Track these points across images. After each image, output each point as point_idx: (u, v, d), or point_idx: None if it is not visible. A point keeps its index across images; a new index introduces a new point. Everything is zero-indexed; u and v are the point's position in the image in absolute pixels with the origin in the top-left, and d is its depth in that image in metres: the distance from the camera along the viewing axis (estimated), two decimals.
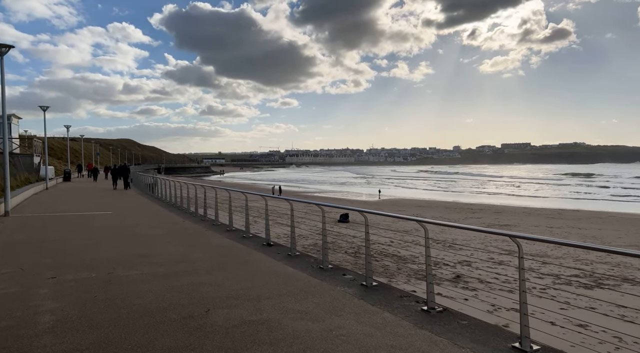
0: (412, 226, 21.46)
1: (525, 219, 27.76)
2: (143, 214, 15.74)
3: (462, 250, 15.21)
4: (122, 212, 16.22)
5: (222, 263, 7.66)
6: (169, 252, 8.70)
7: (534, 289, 10.01)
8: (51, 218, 14.50)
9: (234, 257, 8.29)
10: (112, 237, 10.64)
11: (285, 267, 7.38)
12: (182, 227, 12.45)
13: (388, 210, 31.59)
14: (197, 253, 8.56)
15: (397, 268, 12.52)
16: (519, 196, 54.50)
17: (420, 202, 45.09)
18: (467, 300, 9.05)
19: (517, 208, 36.50)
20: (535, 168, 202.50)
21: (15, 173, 23.90)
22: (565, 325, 6.63)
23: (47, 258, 8.20)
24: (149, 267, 7.43)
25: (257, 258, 8.17)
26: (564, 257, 14.47)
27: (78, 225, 12.67)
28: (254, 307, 5.29)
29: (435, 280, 11.45)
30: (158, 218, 14.36)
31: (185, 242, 9.89)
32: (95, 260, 7.93)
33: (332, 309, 5.20)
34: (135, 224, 12.93)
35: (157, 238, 10.38)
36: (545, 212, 33.90)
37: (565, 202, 44.31)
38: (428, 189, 68.65)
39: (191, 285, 6.27)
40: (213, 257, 8.23)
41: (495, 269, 12.53)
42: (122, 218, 14.22)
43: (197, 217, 14.56)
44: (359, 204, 40.43)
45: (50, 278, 6.66)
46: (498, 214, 31.18)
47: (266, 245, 9.40)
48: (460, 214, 30.73)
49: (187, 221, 13.52)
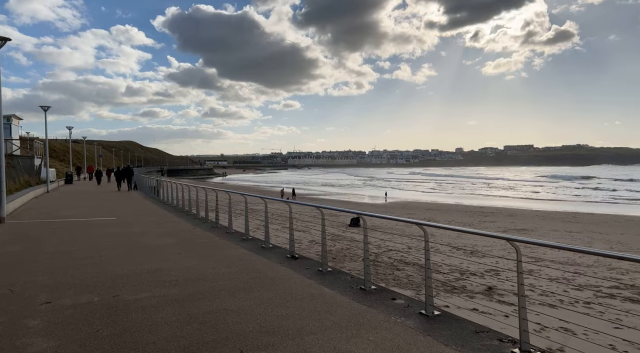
0: (429, 231, 20.44)
1: (541, 223, 26.65)
2: (149, 220, 14.67)
3: (485, 257, 14.14)
4: (127, 218, 15.14)
5: (246, 282, 6.58)
6: (182, 267, 7.62)
7: (577, 304, 8.95)
8: (50, 225, 13.43)
9: (257, 273, 7.20)
10: (118, 247, 9.56)
11: (320, 288, 6.29)
12: (193, 235, 11.37)
13: (398, 213, 30.52)
14: (214, 269, 7.48)
15: (422, 279, 11.45)
16: (525, 199, 53.61)
17: (429, 205, 43.98)
18: (508, 317, 8.13)
19: (529, 212, 35.40)
20: (533, 170, 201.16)
21: (15, 175, 22.86)
22: None
23: (42, 275, 7.13)
24: (160, 286, 6.35)
25: (284, 275, 7.09)
26: (596, 266, 13.38)
27: (79, 234, 11.60)
28: (297, 347, 4.20)
29: (466, 292, 10.39)
30: (166, 225, 13.29)
31: (198, 254, 8.80)
32: (99, 278, 6.85)
33: (396, 352, 4.11)
34: (142, 232, 11.85)
35: (167, 250, 9.30)
36: (558, 215, 32.77)
37: (575, 205, 43.24)
38: (431, 192, 67.99)
39: (214, 313, 5.19)
40: (233, 274, 7.14)
41: (526, 279, 11.49)
42: (128, 225, 13.15)
43: (208, 223, 13.49)
44: (367, 207, 39.28)
45: (44, 304, 5.58)
46: (511, 217, 30.09)
47: (291, 258, 8.32)
48: (473, 218, 29.65)
49: (198, 228, 12.45)
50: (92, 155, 79.64)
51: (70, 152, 49.75)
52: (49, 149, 37.24)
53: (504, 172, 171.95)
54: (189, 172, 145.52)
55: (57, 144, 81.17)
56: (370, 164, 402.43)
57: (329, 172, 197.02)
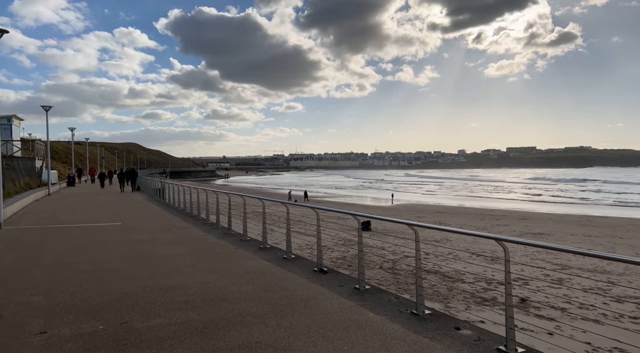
0: (441, 235, 19.51)
1: (556, 227, 25.69)
2: (156, 225, 13.73)
3: (515, 265, 13.19)
4: (132, 223, 14.21)
5: (275, 304, 5.62)
6: (198, 283, 6.67)
7: (623, 319, 8.01)
8: (51, 231, 12.50)
9: (286, 291, 6.24)
10: (124, 258, 8.61)
11: (363, 312, 5.34)
12: (205, 243, 10.42)
13: (407, 217, 29.57)
14: (235, 285, 6.53)
15: (448, 289, 10.49)
16: (532, 201, 52.73)
17: (436, 207, 43.02)
18: (552, 336, 7.11)
19: (540, 215, 34.47)
20: (536, 172, 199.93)
21: (15, 177, 21.94)
22: None
23: (38, 293, 6.19)
24: (176, 309, 5.41)
25: (317, 294, 6.13)
26: (628, 274, 12.39)
27: (82, 242, 10.66)
28: None
29: (497, 304, 9.43)
30: (175, 231, 12.35)
31: (215, 266, 7.85)
32: (103, 297, 5.91)
33: None
34: (149, 240, 10.91)
35: (179, 261, 8.35)
36: (571, 218, 31.82)
37: (586, 208, 42.28)
38: (436, 194, 67.24)
39: (245, 348, 4.23)
40: (258, 292, 6.19)
41: (559, 288, 10.46)
42: (134, 232, 12.20)
43: (220, 229, 12.55)
44: (374, 210, 38.35)
45: (38, 334, 4.63)
46: (524, 221, 29.17)
47: (319, 272, 7.36)
48: (485, 221, 28.72)
49: (210, 235, 11.50)
50: (95, 157, 78.89)
51: (73, 153, 48.88)
52: (51, 150, 36.40)
53: (506, 174, 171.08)
54: (191, 174, 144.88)
55: (60, 146, 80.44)
56: (372, 166, 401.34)
57: (329, 174, 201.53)
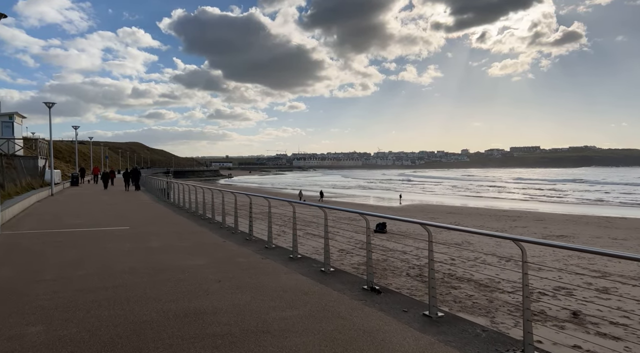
0: (463, 238, 18.39)
1: (577, 228, 24.53)
2: (168, 230, 12.55)
3: (542, 270, 11.99)
4: (142, 228, 13.03)
5: (335, 340, 4.42)
6: (230, 306, 5.49)
7: None
8: (53, 237, 11.30)
9: (342, 320, 5.04)
10: (138, 272, 7.41)
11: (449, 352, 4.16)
12: (226, 252, 9.21)
13: (420, 217, 28.39)
14: (276, 309, 5.35)
15: (488, 301, 9.31)
16: (541, 201, 51.68)
17: (448, 208, 41.86)
18: None
19: (556, 215, 33.31)
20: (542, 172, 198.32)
21: (16, 177, 20.80)
22: None
23: (37, 322, 5.01)
24: (211, 347, 4.22)
25: (380, 324, 4.93)
26: None
27: (88, 250, 9.45)
28: None
29: (550, 319, 8.25)
30: (189, 237, 11.17)
31: (245, 283, 6.66)
32: (116, 328, 4.75)
33: None
34: (163, 248, 9.71)
35: (201, 275, 7.16)
36: (590, 219, 30.62)
37: (600, 208, 41.13)
38: (443, 194, 66.18)
39: None
40: (306, 319, 5.01)
41: (608, 299, 9.32)
42: (144, 238, 11.01)
43: (239, 234, 11.37)
44: (385, 210, 37.21)
45: None
46: (541, 222, 28.01)
47: (371, 291, 6.17)
48: (501, 222, 27.56)
49: (229, 242, 10.31)
50: (99, 156, 77.93)
51: (77, 152, 47.77)
52: (54, 149, 35.26)
53: (510, 174, 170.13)
54: (195, 173, 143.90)
55: (63, 145, 79.52)
56: (375, 166, 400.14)
57: (328, 174, 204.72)
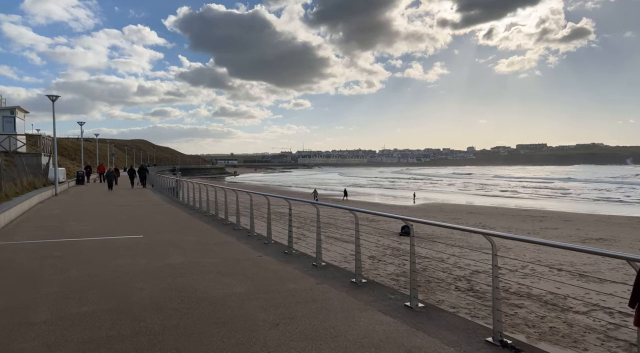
0: (499, 243, 17.16)
1: (613, 231, 23.23)
2: (188, 239, 10.79)
3: (590, 282, 10.78)
4: (157, 236, 11.28)
5: None
6: None
7: None
8: (52, 249, 9.58)
9: None
10: (161, 307, 5.62)
11: None
12: (268, 272, 7.44)
13: (442, 218, 27.09)
14: None
15: (568, 325, 8.09)
16: (555, 199, 50.51)
17: (467, 207, 40.62)
18: None
19: (582, 215, 32.02)
20: (551, 169, 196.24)
21: (16, 176, 19.62)
22: None
23: None
24: None
25: None
26: None
27: (94, 270, 7.58)
28: None
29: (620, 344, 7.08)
30: (216, 250, 9.42)
31: (314, 330, 4.82)
32: None
33: None
34: (187, 265, 7.87)
35: (248, 311, 5.44)
36: (620, 220, 29.29)
37: (625, 207, 39.78)
38: (455, 192, 64.92)
39: None
40: None
41: None
42: (163, 251, 9.23)
43: (273, 245, 9.81)
44: (400, 210, 35.96)
45: None
46: (570, 223, 26.74)
47: (423, 314, 5.01)
48: (528, 223, 26.31)
49: (267, 257, 8.64)
50: (104, 154, 77.13)
51: (82, 150, 46.80)
52: (60, 146, 34.31)
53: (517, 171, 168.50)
54: (201, 171, 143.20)
55: (69, 142, 78.64)
56: (381, 163, 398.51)
57: (324, 172, 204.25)
